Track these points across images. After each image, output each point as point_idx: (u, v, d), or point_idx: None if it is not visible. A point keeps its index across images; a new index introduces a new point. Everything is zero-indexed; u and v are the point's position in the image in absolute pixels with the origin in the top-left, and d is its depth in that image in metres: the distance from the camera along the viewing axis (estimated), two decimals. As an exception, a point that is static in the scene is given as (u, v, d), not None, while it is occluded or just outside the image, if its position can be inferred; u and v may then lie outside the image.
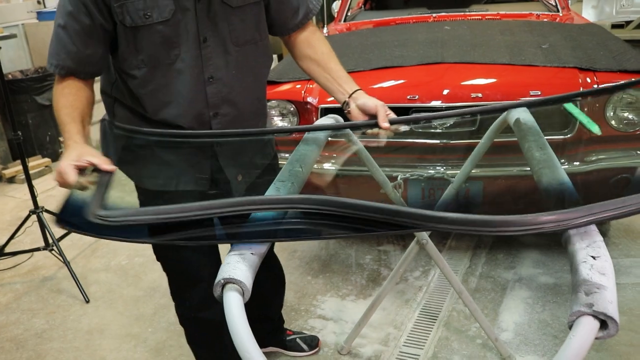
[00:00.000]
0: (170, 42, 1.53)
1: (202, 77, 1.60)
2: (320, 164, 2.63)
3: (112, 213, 1.11)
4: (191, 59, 1.57)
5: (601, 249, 0.95)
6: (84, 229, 1.15)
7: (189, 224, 1.10)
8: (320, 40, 1.78)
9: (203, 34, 1.56)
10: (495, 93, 2.62)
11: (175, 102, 1.60)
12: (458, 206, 2.05)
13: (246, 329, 0.91)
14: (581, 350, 0.82)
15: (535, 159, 1.35)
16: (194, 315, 1.95)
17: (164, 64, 1.55)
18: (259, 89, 1.76)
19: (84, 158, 1.34)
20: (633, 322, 2.40)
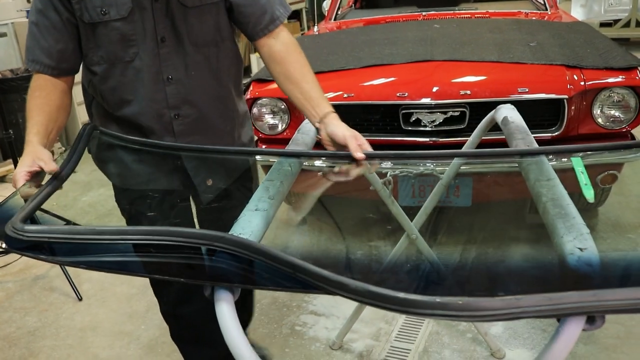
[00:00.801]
0: (128, 40, 1.53)
1: (161, 77, 1.59)
2: (309, 162, 2.65)
3: (28, 228, 1.07)
4: (149, 58, 1.57)
5: (588, 241, 0.98)
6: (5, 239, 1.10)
7: (103, 247, 1.04)
8: (292, 54, 1.68)
9: (161, 34, 1.55)
10: (484, 90, 2.65)
11: (135, 101, 1.61)
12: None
13: (237, 327, 0.93)
14: (568, 343, 0.84)
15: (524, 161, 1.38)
16: (174, 311, 1.96)
17: (122, 61, 1.56)
18: (222, 91, 1.72)
19: (35, 162, 1.36)
20: (619, 316, 2.43)
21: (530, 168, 1.32)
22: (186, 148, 1.66)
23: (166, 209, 1.76)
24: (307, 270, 0.89)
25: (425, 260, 2.09)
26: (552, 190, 1.18)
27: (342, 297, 0.87)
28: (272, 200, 1.18)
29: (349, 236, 3.18)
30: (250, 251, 0.95)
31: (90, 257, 1.06)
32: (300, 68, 1.66)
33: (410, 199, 2.66)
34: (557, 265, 1.00)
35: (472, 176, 2.64)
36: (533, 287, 0.93)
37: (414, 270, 1.70)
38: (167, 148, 1.65)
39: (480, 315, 0.80)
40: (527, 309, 0.81)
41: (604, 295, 0.81)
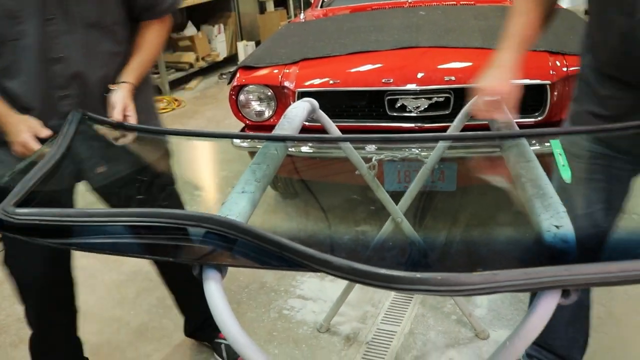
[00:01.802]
0: (14, 17, 1.51)
1: (49, 56, 1.57)
2: (296, 146, 2.68)
3: (20, 211, 1.07)
4: (36, 36, 1.54)
5: (564, 219, 1.02)
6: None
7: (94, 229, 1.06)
8: (151, 36, 1.77)
9: (49, 11, 1.53)
10: (468, 76, 2.68)
11: (21, 79, 1.58)
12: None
13: (225, 305, 0.95)
14: (544, 316, 0.87)
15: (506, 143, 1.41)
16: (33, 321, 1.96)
17: (9, 38, 1.53)
18: (112, 74, 1.71)
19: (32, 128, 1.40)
20: (600, 296, 2.48)
21: (510, 150, 1.35)
22: (172, 132, 1.68)
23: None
24: (293, 249, 0.91)
25: (409, 241, 2.12)
26: (531, 171, 1.22)
27: (326, 274, 0.90)
28: (258, 183, 1.20)
29: (335, 220, 3.22)
30: (237, 231, 0.97)
31: (81, 239, 1.08)
32: (143, 43, 1.75)
33: (396, 184, 2.70)
34: (534, 242, 1.03)
35: (456, 161, 2.68)
36: (512, 263, 0.96)
37: (397, 251, 1.73)
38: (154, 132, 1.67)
39: (459, 289, 0.83)
40: (504, 284, 0.84)
41: (577, 269, 0.84)
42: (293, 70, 2.90)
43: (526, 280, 0.84)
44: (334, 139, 2.01)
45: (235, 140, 2.90)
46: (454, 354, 2.28)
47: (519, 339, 0.90)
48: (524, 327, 0.90)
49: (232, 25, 7.58)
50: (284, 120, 1.56)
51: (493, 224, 1.74)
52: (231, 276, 2.88)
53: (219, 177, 4.14)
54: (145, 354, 2.40)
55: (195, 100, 6.25)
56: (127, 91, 1.67)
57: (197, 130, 1.67)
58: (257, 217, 1.18)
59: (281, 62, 2.97)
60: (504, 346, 0.92)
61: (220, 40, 7.26)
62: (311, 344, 2.39)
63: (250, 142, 2.88)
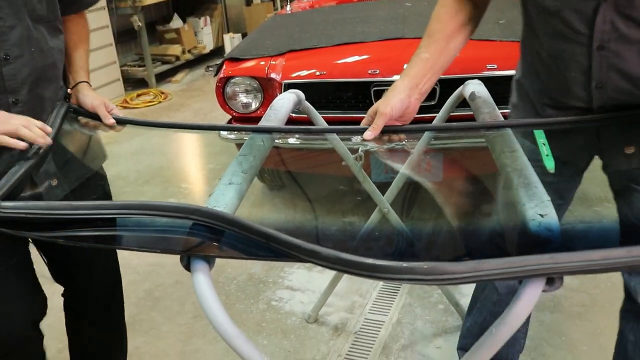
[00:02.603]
0: None
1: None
2: (283, 138, 2.69)
3: (5, 204, 1.07)
4: None
5: (548, 208, 1.03)
6: None
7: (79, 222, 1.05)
8: (79, 29, 1.72)
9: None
10: (454, 67, 2.65)
11: None
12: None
13: (214, 296, 0.95)
14: (529, 303, 0.88)
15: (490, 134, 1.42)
16: None
17: None
18: (58, 73, 1.60)
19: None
20: (585, 285, 2.52)
21: (496, 140, 1.37)
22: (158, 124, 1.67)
23: None
24: (280, 240, 0.92)
25: (396, 231, 2.14)
26: (516, 161, 1.23)
27: (314, 264, 0.90)
28: (245, 174, 1.21)
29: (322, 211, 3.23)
30: (224, 222, 0.98)
31: (67, 232, 1.08)
32: (77, 39, 1.70)
33: (383, 175, 2.70)
34: (519, 230, 1.05)
35: (442, 152, 2.69)
36: (498, 252, 0.97)
37: (384, 241, 1.75)
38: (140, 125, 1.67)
39: (445, 278, 0.84)
40: (490, 272, 0.85)
41: (560, 257, 0.85)
42: (279, 62, 2.90)
43: (511, 268, 0.85)
44: (321, 130, 2.02)
45: (222, 132, 2.90)
46: (441, 342, 2.30)
47: (505, 326, 0.91)
48: (509, 315, 0.91)
49: (218, 18, 7.55)
50: (270, 112, 1.56)
51: (479, 212, 1.76)
52: (219, 268, 2.88)
53: (207, 170, 4.14)
54: (134, 346, 2.40)
55: (182, 93, 6.23)
56: (92, 90, 1.65)
57: (183, 123, 1.67)
58: (245, 209, 1.18)
59: (267, 54, 2.97)
60: (490, 333, 0.93)
61: (206, 32, 7.23)
62: (300, 335, 2.40)
63: (237, 134, 2.88)
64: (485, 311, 1.86)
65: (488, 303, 1.84)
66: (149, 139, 4.52)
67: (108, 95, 5.87)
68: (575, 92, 1.35)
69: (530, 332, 2.27)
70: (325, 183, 3.41)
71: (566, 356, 2.18)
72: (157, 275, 2.87)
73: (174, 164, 4.22)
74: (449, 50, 1.49)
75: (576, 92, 1.35)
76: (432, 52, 1.47)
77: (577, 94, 1.35)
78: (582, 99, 1.35)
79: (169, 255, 1.02)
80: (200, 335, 2.43)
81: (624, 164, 1.43)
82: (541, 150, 1.35)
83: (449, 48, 1.48)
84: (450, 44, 1.48)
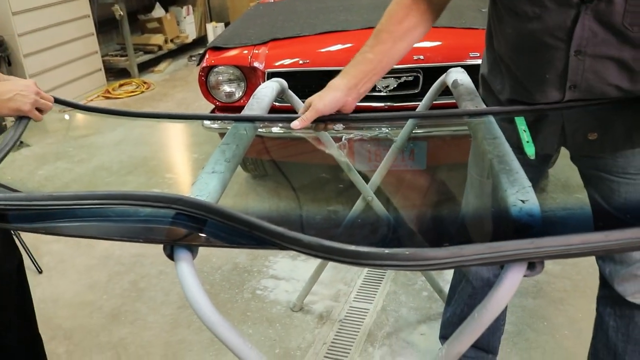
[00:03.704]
0: None
1: None
2: (266, 127, 2.68)
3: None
4: None
5: (529, 194, 1.04)
6: None
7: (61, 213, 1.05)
8: None
9: None
10: (437, 55, 2.70)
11: None
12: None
13: (198, 285, 0.95)
14: (511, 288, 0.89)
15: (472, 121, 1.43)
16: None
17: None
18: None
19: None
20: (566, 271, 2.55)
21: (478, 127, 1.37)
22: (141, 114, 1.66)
23: None
24: (263, 228, 0.92)
25: (380, 219, 2.15)
26: (498, 148, 1.24)
27: (297, 252, 0.91)
28: (228, 163, 1.21)
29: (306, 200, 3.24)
30: (206, 211, 0.98)
31: (48, 223, 1.07)
32: None
33: (366, 163, 2.71)
34: (501, 216, 1.06)
35: (426, 140, 2.71)
36: (480, 237, 0.98)
37: (368, 228, 1.75)
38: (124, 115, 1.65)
39: (427, 264, 0.85)
40: (471, 257, 0.85)
41: (541, 242, 0.86)
42: (262, 51, 2.89)
43: (492, 253, 0.85)
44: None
45: (206, 122, 2.89)
46: (426, 329, 2.31)
47: (487, 310, 0.92)
48: (491, 299, 0.92)
49: (200, 7, 7.49)
50: (253, 101, 1.56)
51: (462, 199, 1.78)
52: (204, 258, 2.88)
53: (190, 159, 4.13)
54: (119, 337, 2.40)
55: (165, 83, 6.19)
56: None
57: (166, 113, 1.65)
58: (228, 199, 1.18)
59: (250, 43, 2.96)
60: (473, 318, 0.94)
61: (189, 21, 7.17)
62: (285, 323, 2.41)
63: (220, 123, 2.87)
64: (462, 303, 1.88)
65: (464, 295, 1.87)
66: (131, 129, 4.49)
67: (90, 85, 5.83)
68: (547, 92, 1.37)
69: (513, 318, 2.30)
70: (309, 172, 3.41)
71: (548, 341, 2.21)
72: (141, 266, 2.87)
73: (157, 154, 4.19)
74: (394, 52, 1.46)
75: (549, 92, 1.37)
76: (376, 52, 1.45)
77: (549, 93, 1.37)
78: (553, 97, 1.37)
79: (153, 246, 1.02)
80: (186, 326, 2.43)
81: (587, 150, 1.46)
82: (522, 136, 1.36)
83: (395, 49, 1.45)
84: (396, 46, 1.45)
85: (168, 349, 2.32)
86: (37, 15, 5.12)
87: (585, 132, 1.42)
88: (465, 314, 1.85)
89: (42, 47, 5.20)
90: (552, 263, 2.58)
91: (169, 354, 2.29)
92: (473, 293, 1.82)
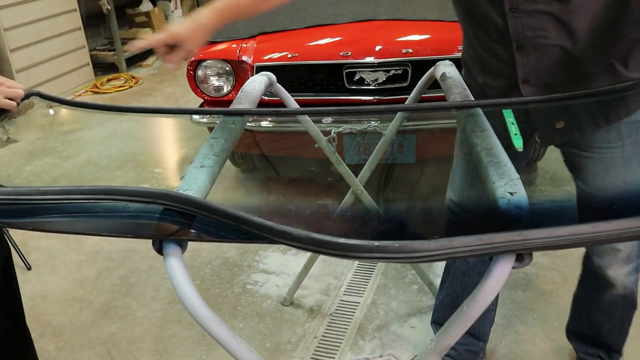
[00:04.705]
0: None
1: None
2: (255, 121, 2.68)
3: None
4: None
5: (517, 186, 1.04)
6: None
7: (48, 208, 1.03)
8: None
9: None
10: (425, 48, 2.71)
11: None
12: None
13: (187, 280, 0.95)
14: (500, 280, 0.90)
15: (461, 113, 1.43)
16: None
17: None
18: None
19: None
20: (555, 263, 2.56)
21: (466, 120, 1.38)
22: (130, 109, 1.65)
23: None
24: (251, 222, 0.92)
25: (369, 212, 2.15)
26: (486, 140, 1.24)
27: (286, 245, 0.91)
28: (217, 157, 1.20)
29: (295, 194, 3.23)
30: (194, 206, 0.97)
31: (35, 219, 1.06)
32: None
33: (356, 156, 2.72)
34: (490, 208, 1.06)
35: (415, 133, 2.71)
36: (469, 230, 0.99)
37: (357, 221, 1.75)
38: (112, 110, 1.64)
39: (416, 256, 0.85)
40: (460, 249, 0.85)
41: (529, 234, 0.86)
42: (251, 45, 2.88)
43: (480, 245, 0.86)
44: (292, 112, 2.01)
45: (195, 116, 2.88)
46: (416, 322, 2.32)
47: (476, 302, 0.93)
48: (480, 291, 0.92)
49: (189, 0, 7.46)
50: (242, 95, 1.55)
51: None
52: (194, 253, 2.87)
53: (179, 154, 4.11)
54: (109, 333, 2.40)
55: (153, 78, 6.16)
56: None
57: (155, 107, 1.65)
58: (218, 194, 1.18)
59: (239, 37, 2.95)
60: (462, 310, 0.95)
61: (177, 15, 7.14)
62: (275, 318, 2.41)
63: (209, 117, 2.86)
64: (456, 282, 1.90)
65: (458, 273, 1.89)
66: (119, 124, 4.47)
67: (77, 80, 5.79)
68: (499, 53, 1.45)
69: (502, 310, 2.31)
70: (298, 165, 3.41)
71: (537, 332, 2.22)
72: (131, 262, 2.86)
73: (146, 149, 4.18)
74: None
75: (500, 52, 1.45)
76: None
77: (500, 53, 1.45)
78: (504, 57, 1.45)
79: (142, 241, 1.01)
80: (176, 321, 2.43)
81: (556, 138, 1.54)
82: (509, 129, 1.37)
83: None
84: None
85: (159, 344, 2.31)
86: (23, 10, 5.07)
87: (552, 122, 1.49)
88: (459, 293, 1.88)
89: (29, 41, 5.15)
90: (541, 255, 2.60)
91: (159, 349, 2.29)
92: (467, 269, 1.86)
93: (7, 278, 1.77)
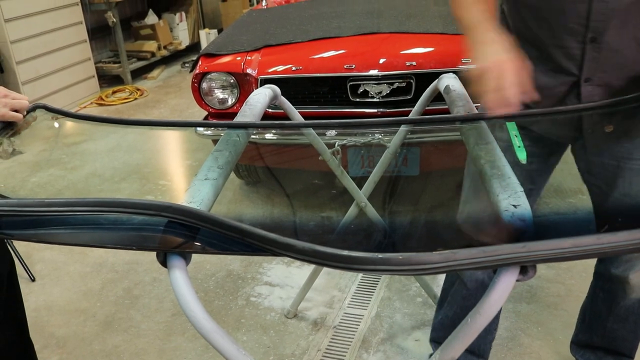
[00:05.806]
0: None
1: None
2: (259, 133, 2.69)
3: None
4: None
5: (521, 199, 1.05)
6: None
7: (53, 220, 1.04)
8: None
9: None
10: (429, 61, 2.71)
11: None
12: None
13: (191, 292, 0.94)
14: (504, 292, 0.89)
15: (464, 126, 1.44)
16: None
17: None
18: None
19: None
20: (560, 275, 2.55)
21: (470, 133, 1.38)
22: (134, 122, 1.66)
23: None
24: (255, 234, 0.92)
25: (374, 225, 2.15)
26: (490, 153, 1.24)
27: (290, 258, 0.91)
28: (221, 169, 1.21)
29: (299, 206, 3.23)
30: (197, 219, 0.98)
31: (40, 230, 1.06)
32: None
33: (360, 169, 2.72)
34: (493, 221, 1.06)
35: (419, 146, 2.71)
36: (473, 242, 0.98)
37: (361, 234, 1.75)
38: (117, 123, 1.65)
39: (420, 268, 0.85)
40: (464, 262, 0.85)
41: (533, 246, 0.86)
42: (255, 58, 2.90)
43: (485, 258, 0.86)
44: (297, 125, 2.02)
45: (199, 128, 2.89)
46: (420, 335, 2.31)
47: (480, 315, 0.93)
48: (484, 304, 0.92)
49: (194, 13, 7.50)
50: (246, 107, 1.56)
51: (454, 205, 1.78)
52: (198, 265, 2.87)
53: (184, 166, 4.12)
54: (113, 345, 2.39)
55: (158, 90, 6.18)
56: None
57: (160, 120, 1.65)
58: (222, 206, 1.18)
59: (243, 50, 2.97)
60: (466, 323, 0.95)
61: (182, 28, 7.18)
62: (279, 330, 2.40)
63: (213, 130, 2.87)
64: (456, 305, 1.89)
65: (458, 297, 1.87)
66: (124, 136, 4.49)
67: (83, 92, 5.82)
68: (566, 45, 1.39)
69: (507, 323, 2.30)
70: (303, 178, 3.42)
71: (543, 346, 2.21)
72: (135, 273, 2.86)
73: (150, 161, 4.19)
74: None
75: (567, 45, 1.39)
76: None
77: (567, 46, 1.39)
78: (571, 53, 1.39)
79: (147, 253, 1.02)
80: (180, 333, 2.42)
81: (605, 141, 1.50)
82: (513, 141, 1.37)
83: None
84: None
85: (162, 357, 2.31)
86: (30, 22, 5.11)
87: (602, 125, 1.46)
88: (459, 315, 1.86)
89: (35, 53, 5.19)
90: (546, 268, 2.59)
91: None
92: (467, 295, 1.83)
93: (11, 289, 1.78)
